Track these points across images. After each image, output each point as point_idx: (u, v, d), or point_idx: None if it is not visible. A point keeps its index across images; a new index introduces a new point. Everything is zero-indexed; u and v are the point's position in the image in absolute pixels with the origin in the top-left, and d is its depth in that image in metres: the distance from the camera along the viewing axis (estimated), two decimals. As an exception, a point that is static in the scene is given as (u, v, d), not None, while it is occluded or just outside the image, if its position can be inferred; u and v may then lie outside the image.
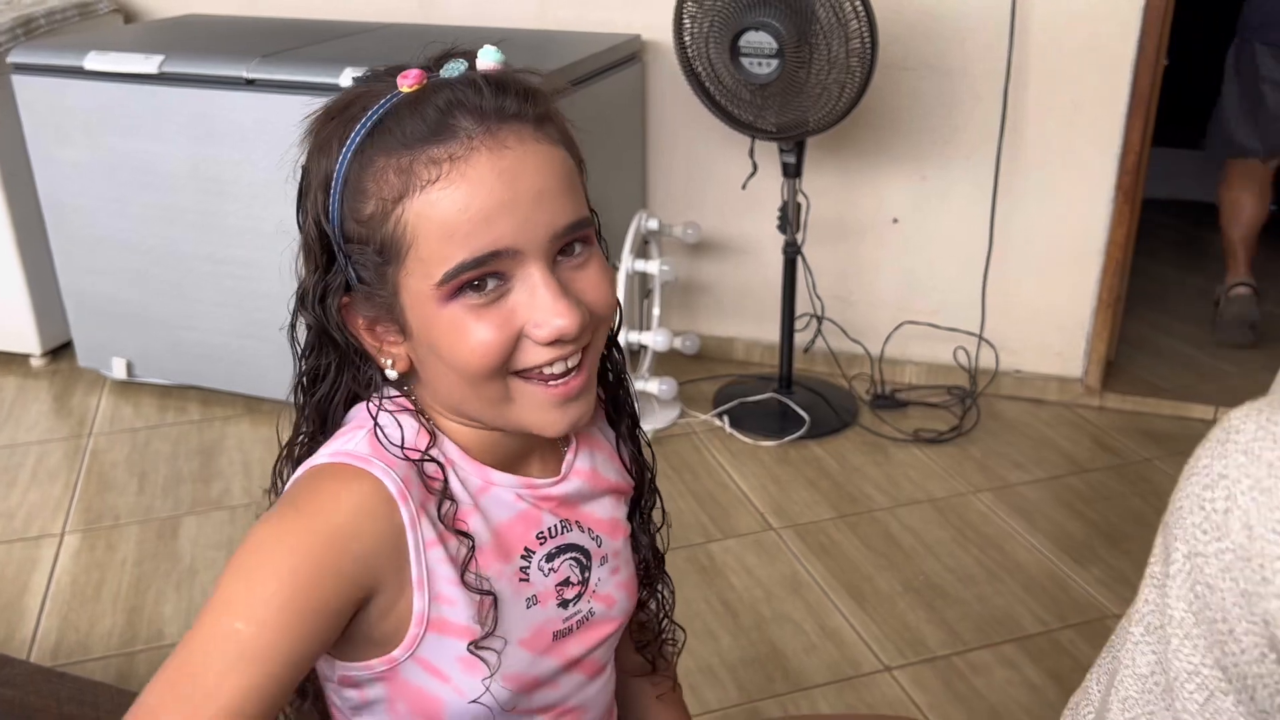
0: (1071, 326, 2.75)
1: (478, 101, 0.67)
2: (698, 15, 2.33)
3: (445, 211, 0.65)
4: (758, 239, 2.86)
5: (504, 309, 0.68)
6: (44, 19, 2.88)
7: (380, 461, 0.71)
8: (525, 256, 0.67)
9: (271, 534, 0.68)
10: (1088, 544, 2.21)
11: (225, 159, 2.48)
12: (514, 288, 0.68)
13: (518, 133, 0.67)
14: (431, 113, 0.66)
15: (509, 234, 0.66)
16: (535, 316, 0.68)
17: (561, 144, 0.70)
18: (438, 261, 0.66)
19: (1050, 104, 2.57)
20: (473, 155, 0.65)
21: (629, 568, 0.87)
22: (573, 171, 0.70)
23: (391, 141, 0.67)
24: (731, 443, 2.58)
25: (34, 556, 2.16)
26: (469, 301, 0.67)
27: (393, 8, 2.98)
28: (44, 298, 2.89)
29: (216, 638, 0.64)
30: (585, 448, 0.84)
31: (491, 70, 0.70)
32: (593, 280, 0.71)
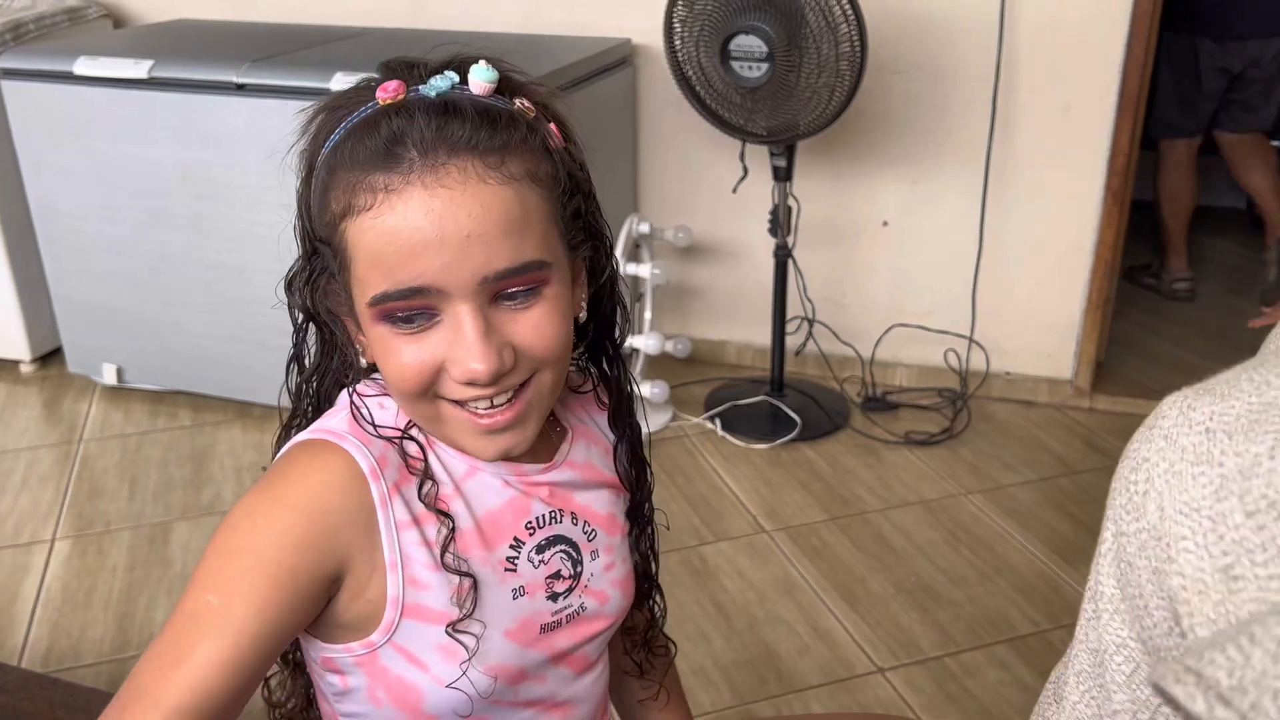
0: (1061, 328, 2.76)
1: (423, 132, 0.65)
2: (688, 19, 2.34)
3: (374, 240, 0.66)
4: (749, 242, 2.86)
5: (429, 340, 0.68)
6: (33, 24, 2.87)
7: (355, 439, 0.72)
8: (452, 296, 0.66)
9: (244, 512, 0.69)
10: (1078, 544, 2.22)
11: (215, 164, 2.48)
12: (442, 322, 0.68)
13: (462, 169, 0.65)
14: (378, 140, 0.66)
15: (432, 273, 0.65)
16: (454, 355, 0.68)
17: (525, 179, 0.67)
18: (368, 285, 0.68)
19: (1039, 106, 2.58)
20: (407, 189, 0.65)
21: (625, 566, 0.86)
22: (529, 212, 0.67)
23: (348, 158, 0.67)
24: (724, 445, 2.59)
25: (25, 563, 2.15)
26: (396, 329, 0.68)
27: (382, 11, 2.98)
28: (33, 304, 2.88)
29: (191, 611, 0.66)
30: (581, 439, 0.84)
31: (481, 90, 0.69)
32: (533, 324, 0.69)
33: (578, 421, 0.85)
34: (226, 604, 0.65)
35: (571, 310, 0.74)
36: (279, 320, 2.83)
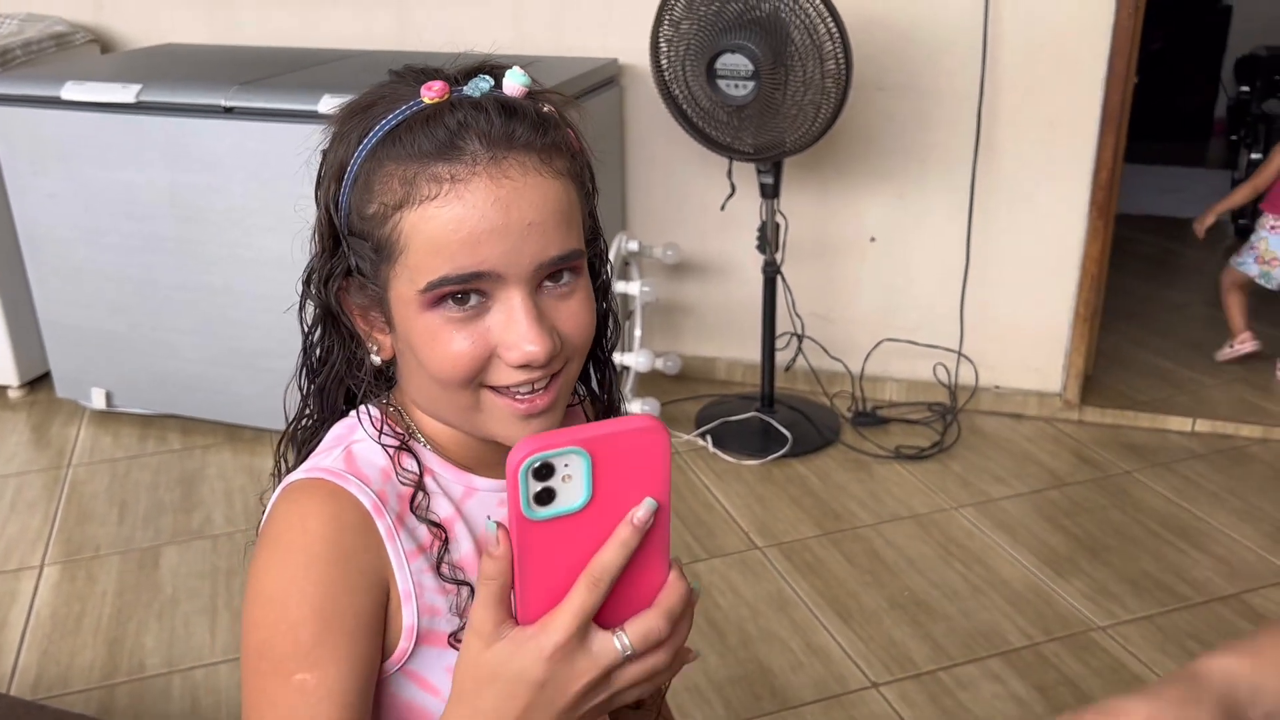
0: (1049, 341, 2.77)
1: (487, 127, 0.68)
2: (674, 39, 2.35)
3: (438, 228, 0.68)
4: (737, 259, 2.88)
5: (480, 326, 0.70)
6: (20, 50, 2.87)
7: (355, 478, 0.73)
8: (507, 281, 0.69)
9: (276, 582, 0.70)
10: (1070, 557, 2.23)
11: (203, 186, 2.48)
12: (493, 308, 0.70)
13: (521, 163, 0.69)
14: (443, 132, 0.68)
15: (494, 258, 0.68)
16: (508, 339, 0.69)
17: (567, 175, 0.72)
18: (424, 271, 0.69)
19: (1023, 122, 2.60)
20: (473, 179, 0.67)
21: None
22: (572, 205, 0.72)
23: (402, 151, 0.69)
24: (715, 462, 2.59)
25: (13, 589, 2.14)
26: (448, 313, 0.70)
27: (369, 34, 2.99)
28: (21, 329, 2.87)
29: (288, 697, 0.68)
30: None
31: (516, 92, 0.72)
32: (573, 310, 0.72)
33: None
34: (321, 676, 0.68)
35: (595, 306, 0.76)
36: (267, 343, 2.86)
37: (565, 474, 0.59)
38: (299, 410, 0.83)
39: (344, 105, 0.74)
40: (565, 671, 0.61)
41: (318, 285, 0.76)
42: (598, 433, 0.59)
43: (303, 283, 0.78)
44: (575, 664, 0.61)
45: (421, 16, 2.95)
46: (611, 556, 0.61)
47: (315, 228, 0.76)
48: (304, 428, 0.83)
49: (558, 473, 0.59)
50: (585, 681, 0.62)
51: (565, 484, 0.59)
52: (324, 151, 0.75)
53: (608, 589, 0.61)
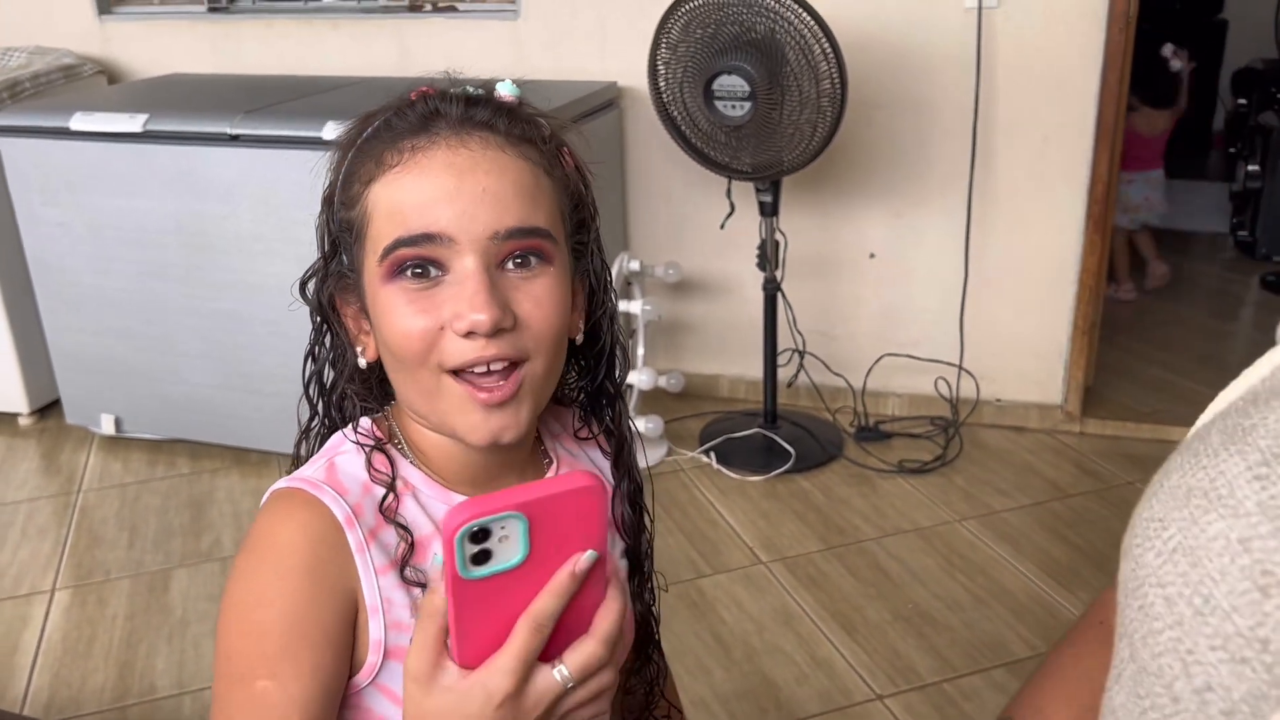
0: (1049, 354, 2.79)
1: (451, 110, 0.72)
2: (671, 61, 2.39)
3: (395, 193, 0.70)
4: (738, 277, 2.90)
5: (435, 298, 0.70)
6: (29, 82, 2.92)
7: (330, 488, 0.74)
8: (461, 248, 0.69)
9: (247, 589, 0.71)
10: (1073, 568, 2.24)
11: (210, 214, 2.51)
12: (448, 280, 0.70)
13: (484, 139, 0.71)
14: (415, 115, 0.72)
15: (445, 221, 0.69)
16: (457, 307, 0.69)
17: (538, 165, 0.73)
18: (382, 237, 0.71)
19: (1018, 136, 2.63)
20: (432, 148, 0.70)
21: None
22: (540, 189, 0.72)
23: (381, 136, 0.73)
24: (719, 479, 2.61)
25: (25, 614, 2.16)
26: (405, 284, 0.70)
27: (372, 62, 3.04)
28: (31, 356, 2.91)
29: (248, 700, 0.68)
30: (566, 468, 0.84)
31: (504, 98, 0.75)
32: (534, 294, 0.71)
33: (566, 453, 0.86)
34: (282, 682, 0.68)
35: (568, 306, 0.75)
36: (274, 368, 2.89)
37: (502, 535, 0.59)
38: (309, 417, 0.84)
39: (354, 120, 0.77)
40: (513, 715, 0.62)
41: (316, 289, 0.78)
42: (535, 495, 0.59)
43: (299, 286, 0.80)
44: (522, 706, 0.63)
45: (422, 43, 3.00)
46: (550, 603, 0.62)
47: (317, 233, 0.79)
48: (315, 434, 0.83)
49: (494, 535, 0.59)
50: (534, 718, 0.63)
51: (502, 544, 0.60)
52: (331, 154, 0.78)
53: (548, 633, 0.63)
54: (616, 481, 0.86)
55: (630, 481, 0.86)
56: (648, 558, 0.89)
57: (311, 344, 0.82)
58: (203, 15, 3.19)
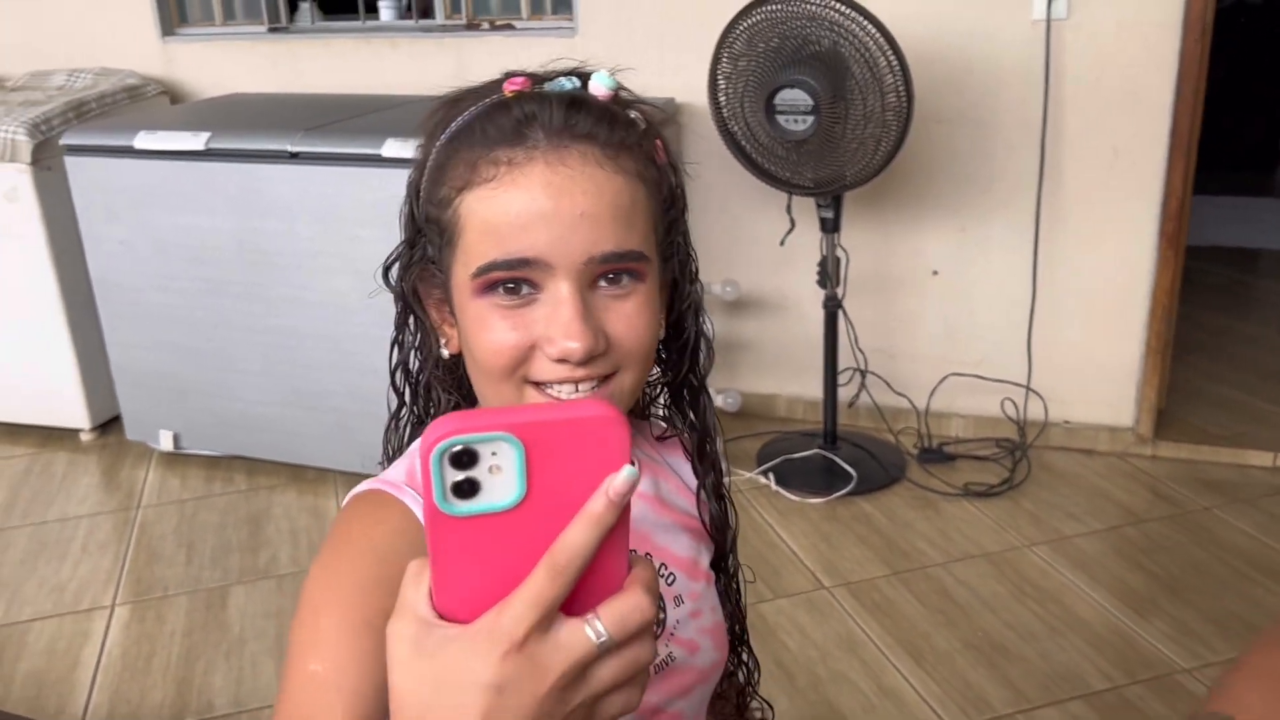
0: (1120, 375, 2.71)
1: (549, 118, 0.68)
2: (732, 75, 2.36)
3: (491, 210, 0.68)
4: (796, 294, 2.86)
5: (527, 316, 0.68)
6: (95, 102, 2.96)
7: (411, 489, 0.72)
8: (556, 271, 0.67)
9: (317, 575, 0.70)
10: (1150, 596, 2.15)
11: (270, 231, 2.52)
12: (541, 299, 0.68)
13: (582, 154, 0.68)
14: (509, 120, 0.69)
15: (543, 245, 0.67)
16: (549, 332, 0.67)
17: (635, 176, 0.70)
18: (476, 255, 0.68)
19: (1088, 151, 2.56)
20: (529, 164, 0.67)
21: (715, 615, 0.83)
22: (636, 205, 0.70)
23: (473, 138, 0.70)
24: (778, 500, 2.55)
25: (85, 629, 2.16)
26: (497, 300, 0.69)
27: (427, 80, 3.02)
28: (93, 373, 2.93)
29: (300, 686, 0.65)
30: (649, 474, 0.81)
31: (601, 95, 0.72)
32: (626, 314, 0.69)
33: (644, 456, 0.83)
34: (332, 666, 0.65)
35: (660, 317, 0.73)
36: (332, 385, 2.88)
37: (493, 464, 0.47)
38: (396, 406, 0.82)
39: (440, 100, 0.75)
40: (527, 671, 0.48)
41: (400, 275, 0.76)
42: (534, 418, 0.47)
43: (383, 271, 0.78)
44: (539, 661, 0.48)
45: (480, 61, 3.00)
46: (581, 539, 0.48)
47: (400, 217, 0.77)
48: (404, 423, 0.82)
49: (483, 462, 0.47)
50: (553, 682, 0.48)
51: (493, 477, 0.48)
52: (419, 143, 0.76)
53: (574, 578, 0.48)
54: (700, 479, 0.84)
55: (713, 475, 0.84)
56: (732, 552, 0.87)
57: (396, 331, 0.80)
58: (263, 35, 3.22)
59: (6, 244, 2.83)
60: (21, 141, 2.73)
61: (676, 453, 0.86)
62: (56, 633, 2.16)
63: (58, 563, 2.41)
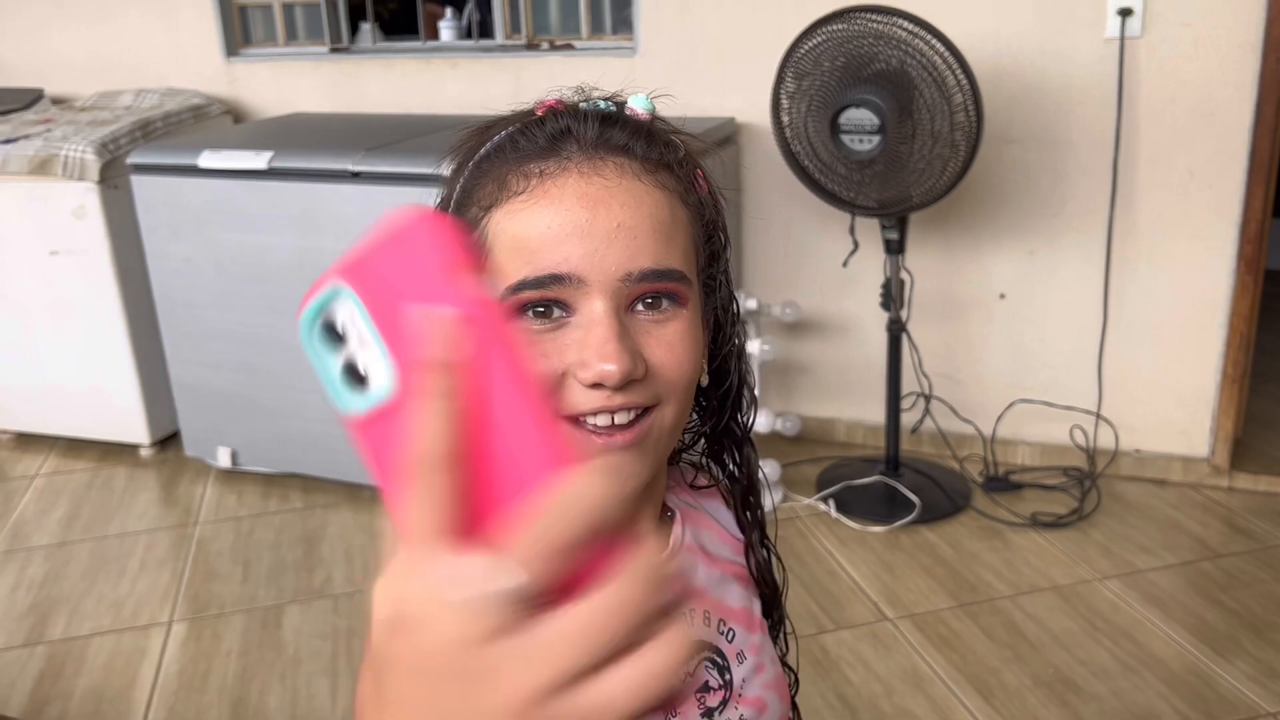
0: (1195, 403, 2.62)
1: (584, 131, 0.65)
2: (796, 94, 2.32)
3: (520, 225, 0.63)
4: (858, 317, 2.80)
5: (558, 340, 0.63)
6: (161, 121, 3.00)
7: None
8: (590, 289, 0.62)
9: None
10: (1230, 635, 2.07)
11: (329, 250, 2.53)
12: (574, 322, 0.63)
13: (619, 166, 0.64)
14: (543, 135, 0.66)
15: (575, 260, 0.62)
16: (583, 355, 0.62)
17: (675, 194, 0.66)
18: (504, 275, 0.63)
19: (1163, 173, 2.49)
20: (562, 175, 0.64)
21: (775, 668, 0.79)
22: (676, 223, 0.65)
23: (504, 155, 0.67)
24: (838, 528, 2.49)
25: (143, 646, 2.17)
26: (527, 324, 0.63)
27: (489, 101, 3.03)
28: (154, 389, 2.96)
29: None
30: (690, 523, 0.77)
31: (639, 115, 0.69)
32: (667, 339, 0.64)
33: (683, 504, 0.78)
34: None
35: (701, 349, 0.68)
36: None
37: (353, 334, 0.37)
38: None
39: (466, 130, 0.72)
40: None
41: None
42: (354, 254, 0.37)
43: None
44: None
45: (539, 82, 2.99)
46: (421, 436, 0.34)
47: None
48: None
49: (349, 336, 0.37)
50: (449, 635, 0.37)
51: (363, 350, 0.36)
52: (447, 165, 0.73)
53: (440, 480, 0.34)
54: (748, 532, 0.79)
55: (761, 530, 0.80)
56: (778, 607, 0.82)
57: None
58: (325, 56, 3.25)
59: (73, 260, 2.87)
60: (90, 160, 2.77)
61: (715, 499, 0.82)
62: (115, 649, 2.16)
63: (117, 578, 2.42)
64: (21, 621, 2.27)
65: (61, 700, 2.01)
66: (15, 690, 2.04)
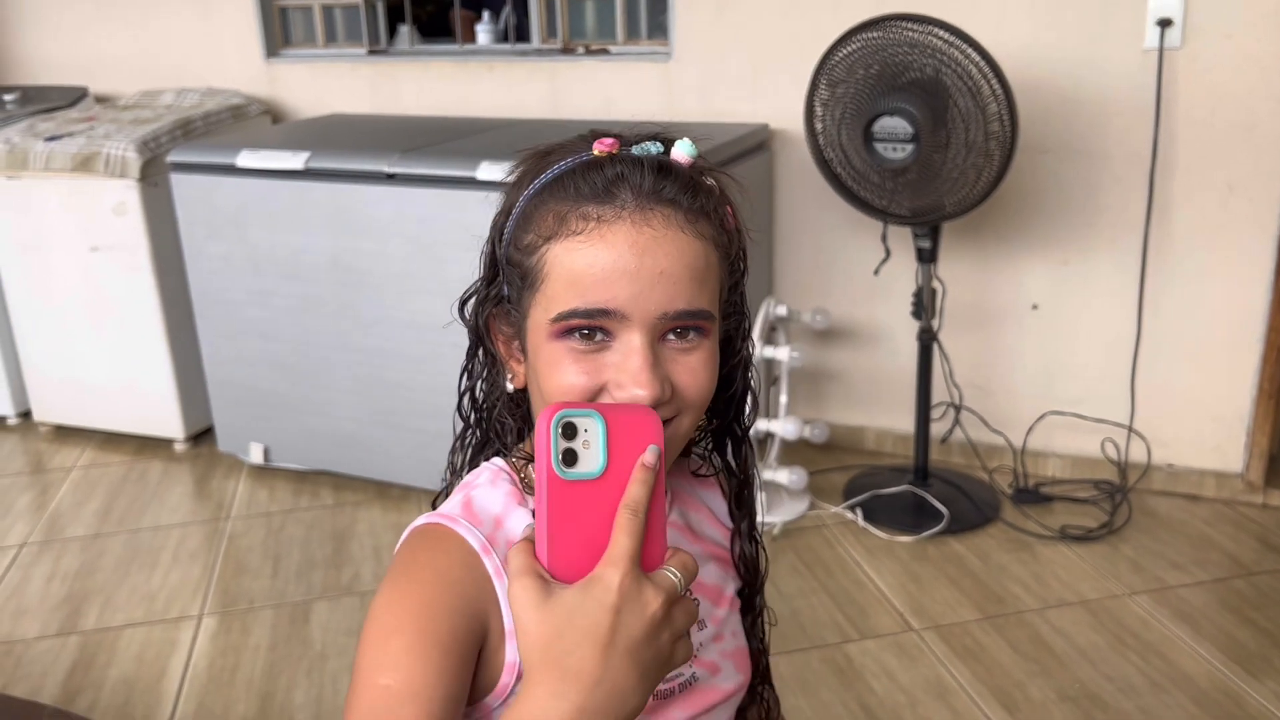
0: (1229, 418, 2.58)
1: (640, 181, 0.74)
2: (830, 102, 2.32)
3: (577, 262, 0.72)
4: (889, 326, 2.79)
5: (598, 361, 0.73)
6: (201, 121, 3.05)
7: (466, 521, 0.77)
8: (632, 323, 0.72)
9: (385, 599, 0.73)
10: (1262, 654, 2.04)
11: (364, 251, 2.55)
12: (614, 346, 0.73)
13: (666, 216, 0.73)
14: (601, 179, 0.74)
15: (623, 299, 0.72)
16: (620, 378, 0.72)
17: (710, 242, 0.75)
18: (558, 302, 0.73)
19: (1201, 185, 2.46)
20: (617, 223, 0.72)
21: (737, 640, 0.87)
22: (710, 269, 0.75)
23: (563, 192, 0.75)
24: (865, 537, 2.49)
25: (173, 638, 2.20)
26: (572, 344, 0.73)
27: (523, 104, 3.07)
28: (189, 385, 3.00)
29: (371, 700, 0.68)
30: (679, 505, 0.86)
31: (683, 160, 0.77)
32: (692, 366, 0.75)
33: (679, 487, 0.88)
34: (404, 679, 0.68)
35: (718, 370, 0.79)
36: (420, 404, 2.90)
37: (585, 439, 0.65)
38: (462, 429, 0.88)
39: (528, 150, 0.80)
40: (637, 597, 0.63)
41: (474, 309, 0.82)
42: (609, 406, 0.68)
43: (459, 304, 0.83)
44: (644, 590, 0.64)
45: (574, 86, 3.01)
46: (639, 490, 0.65)
47: (481, 256, 0.82)
48: (468, 444, 0.88)
49: (579, 436, 0.65)
50: (652, 614, 0.63)
51: (585, 450, 0.65)
52: (505, 188, 0.81)
53: (644, 524, 0.65)
54: (737, 522, 0.89)
55: (748, 521, 0.89)
56: (759, 593, 0.92)
57: (467, 360, 0.86)
58: (363, 58, 3.28)
59: (113, 256, 2.92)
60: (131, 158, 2.82)
61: (711, 488, 0.91)
62: (146, 640, 2.19)
63: (149, 571, 2.46)
64: (56, 611, 2.31)
65: (93, 690, 2.04)
66: (49, 679, 2.08)
